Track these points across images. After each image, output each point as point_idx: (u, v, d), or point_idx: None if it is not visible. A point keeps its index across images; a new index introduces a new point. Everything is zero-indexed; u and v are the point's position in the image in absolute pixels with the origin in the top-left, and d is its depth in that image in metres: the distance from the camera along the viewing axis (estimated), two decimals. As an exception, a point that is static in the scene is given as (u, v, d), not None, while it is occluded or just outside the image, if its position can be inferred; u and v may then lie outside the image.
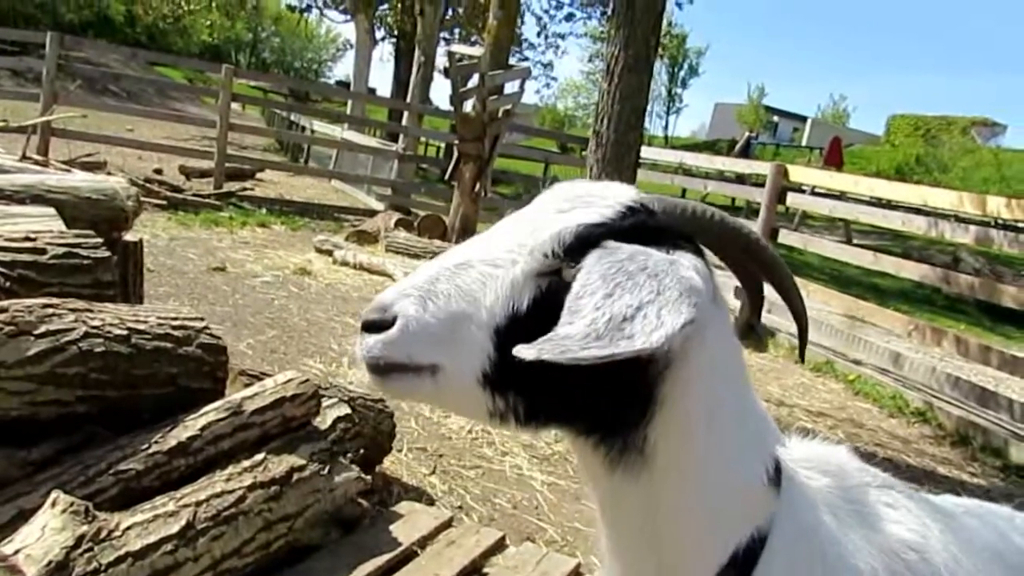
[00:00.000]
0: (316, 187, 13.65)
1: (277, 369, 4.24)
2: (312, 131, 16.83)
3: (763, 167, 7.59)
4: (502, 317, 0.90)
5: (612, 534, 1.03)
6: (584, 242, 0.90)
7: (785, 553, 0.98)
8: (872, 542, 1.03)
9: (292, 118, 19.63)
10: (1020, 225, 13.36)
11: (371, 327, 0.93)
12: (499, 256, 0.93)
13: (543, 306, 0.90)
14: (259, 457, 2.13)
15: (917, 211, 10.36)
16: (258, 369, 3.77)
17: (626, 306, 0.82)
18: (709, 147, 36.44)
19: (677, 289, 0.84)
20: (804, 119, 48.85)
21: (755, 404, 1.04)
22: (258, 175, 12.56)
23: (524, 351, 0.81)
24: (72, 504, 1.63)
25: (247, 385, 2.44)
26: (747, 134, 30.24)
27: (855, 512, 1.06)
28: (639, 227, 0.93)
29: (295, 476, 2.17)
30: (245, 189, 10.59)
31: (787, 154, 34.90)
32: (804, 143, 41.30)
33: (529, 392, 0.92)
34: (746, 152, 26.30)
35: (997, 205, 5.47)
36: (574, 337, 0.81)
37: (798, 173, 7.85)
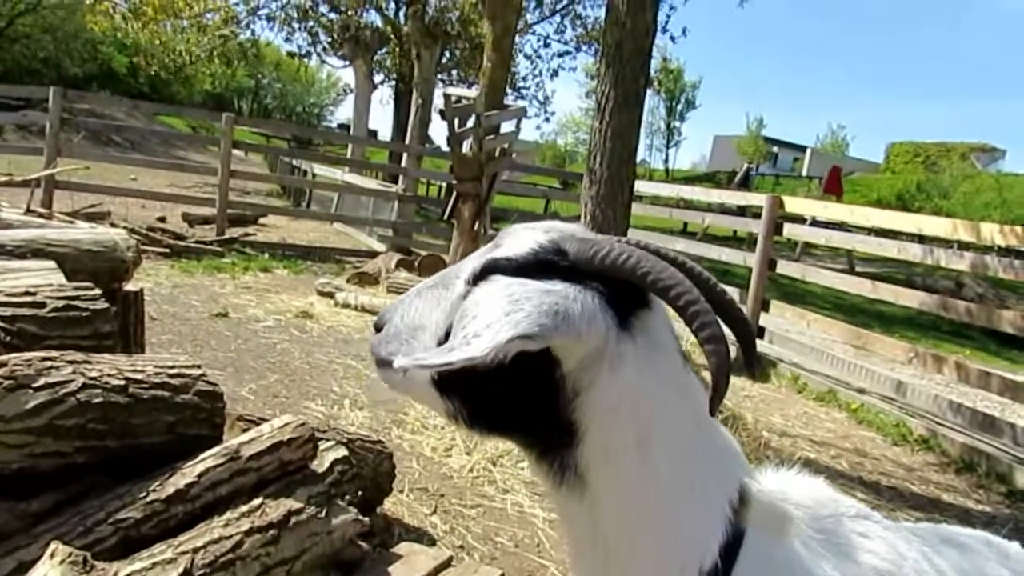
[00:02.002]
0: (318, 230, 13.78)
1: (279, 413, 4.26)
2: (314, 175, 17.01)
3: (759, 199, 7.65)
4: (443, 330, 1.04)
5: (569, 545, 1.12)
6: (486, 273, 1.02)
7: None
8: (844, 572, 1.05)
9: (294, 163, 19.85)
10: (1020, 250, 13.36)
11: (376, 328, 1.14)
12: (452, 280, 1.09)
13: None
14: (256, 502, 2.15)
15: (923, 239, 10.43)
16: (260, 414, 3.80)
17: (481, 324, 0.92)
18: (709, 179, 36.65)
19: (528, 310, 0.92)
20: (804, 149, 49.14)
21: (713, 438, 1.06)
22: (260, 220, 12.67)
23: (400, 361, 0.95)
24: (70, 555, 1.65)
25: (244, 430, 2.47)
26: (746, 165, 30.47)
27: (827, 542, 1.08)
28: (545, 264, 1.00)
29: (292, 520, 2.19)
30: (247, 235, 10.70)
31: (787, 184, 35.08)
32: (804, 173, 41.53)
33: (465, 399, 1.03)
34: (745, 183, 26.48)
35: (991, 232, 5.52)
36: (429, 355, 0.94)
37: (794, 204, 7.92)
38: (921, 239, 10.77)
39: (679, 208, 13.01)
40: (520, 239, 1.05)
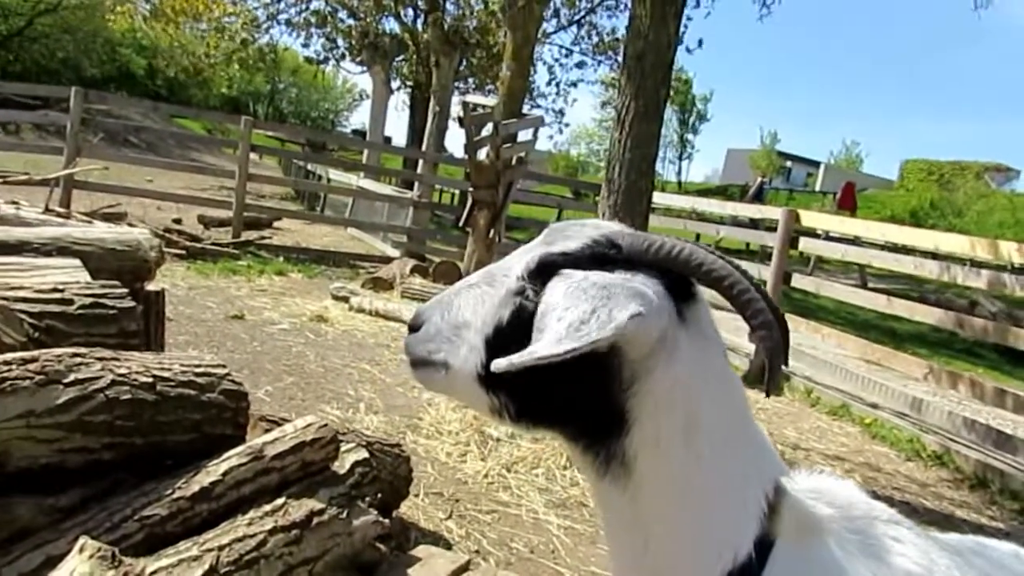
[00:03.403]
0: (332, 235, 13.83)
1: (295, 415, 4.29)
2: (328, 180, 17.10)
3: (775, 212, 7.65)
4: (490, 327, 1.05)
5: (609, 537, 1.13)
6: (543, 269, 1.04)
7: None
8: (876, 574, 1.05)
9: (309, 167, 19.95)
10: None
11: (411, 328, 1.14)
12: (496, 278, 1.09)
13: (516, 320, 1.04)
14: (279, 501, 2.17)
15: (936, 256, 10.38)
16: (277, 415, 3.82)
17: (581, 312, 0.94)
18: (721, 192, 36.59)
19: (625, 294, 0.95)
20: (817, 164, 49.04)
21: (753, 434, 1.09)
22: (275, 224, 12.74)
23: (498, 363, 0.95)
24: (99, 550, 1.67)
25: (267, 430, 2.49)
26: (759, 179, 30.39)
27: (860, 543, 1.08)
28: (601, 258, 1.03)
29: (315, 520, 2.20)
30: (263, 238, 10.75)
31: (801, 199, 34.99)
32: (818, 188, 41.43)
33: (515, 394, 1.05)
34: (759, 197, 26.43)
35: (1008, 250, 5.52)
36: (540, 348, 0.93)
37: (810, 218, 7.91)
38: (935, 256, 10.72)
39: (691, 220, 12.99)
40: (572, 235, 1.08)
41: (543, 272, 1.03)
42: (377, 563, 2.60)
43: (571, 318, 0.93)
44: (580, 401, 1.03)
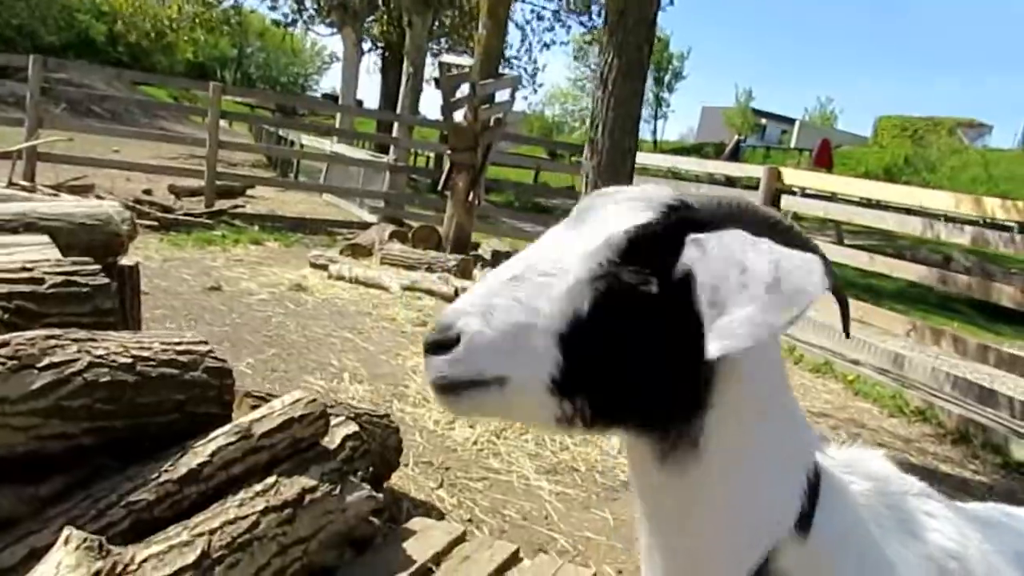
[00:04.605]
0: (307, 202, 13.62)
1: (279, 388, 4.22)
2: (301, 145, 16.79)
3: (756, 170, 7.61)
4: (564, 324, 0.91)
5: (652, 529, 1.05)
6: (637, 244, 0.93)
7: (825, 555, 0.99)
8: (912, 549, 1.03)
9: (280, 133, 19.58)
10: (1009, 224, 13.41)
11: (436, 348, 0.93)
12: (551, 266, 0.95)
13: (605, 309, 0.92)
14: (270, 480, 2.10)
15: (910, 212, 10.44)
16: (260, 389, 3.74)
17: (768, 274, 0.84)
18: (697, 151, 36.52)
19: (788, 255, 0.88)
20: (792, 121, 48.97)
21: (797, 406, 1.07)
22: (248, 192, 12.51)
23: (715, 349, 0.81)
24: (85, 540, 1.60)
25: (254, 407, 2.42)
26: (736, 137, 30.41)
27: (895, 519, 1.06)
28: (685, 222, 0.95)
29: (307, 498, 2.14)
30: (237, 207, 10.54)
31: (776, 156, 35.03)
32: (793, 145, 41.43)
33: (598, 392, 0.94)
34: (736, 155, 26.45)
35: (992, 206, 5.53)
36: (749, 317, 0.82)
37: (791, 175, 7.88)
38: (908, 211, 10.78)
39: (668, 179, 12.95)
40: (625, 207, 0.98)
41: (637, 249, 0.93)
42: (371, 537, 2.56)
43: (766, 279, 0.84)
44: (671, 384, 0.95)
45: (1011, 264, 14.50)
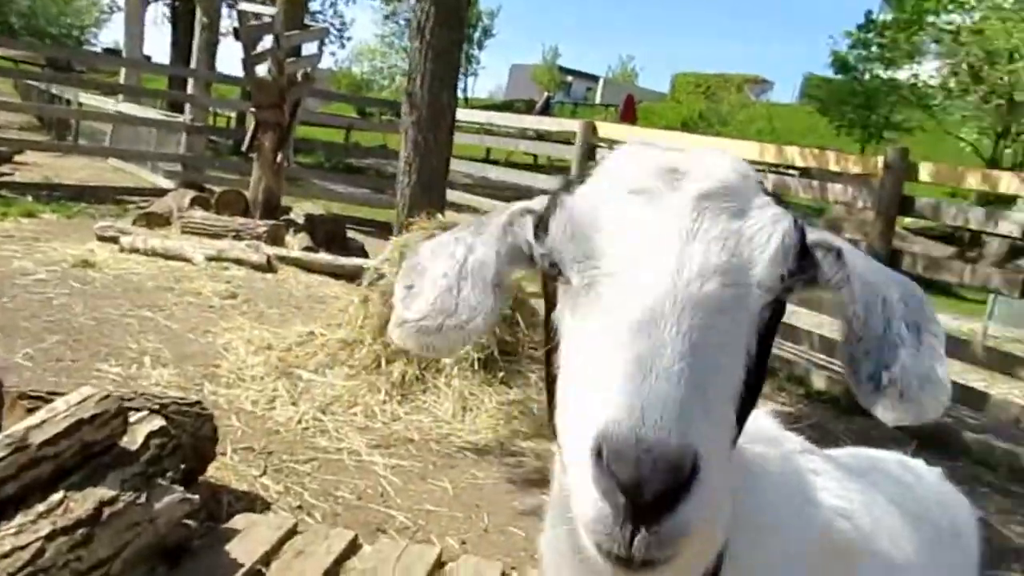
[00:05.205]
0: (90, 167, 12.29)
1: (66, 380, 3.70)
2: (80, 104, 15.06)
3: (572, 124, 7.68)
4: (739, 380, 0.74)
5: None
6: (803, 253, 0.79)
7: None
8: (810, 518, 1.01)
9: (53, 90, 17.47)
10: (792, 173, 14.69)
11: (663, 502, 0.61)
12: (712, 301, 0.70)
13: (764, 338, 0.77)
14: (56, 497, 1.77)
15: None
16: (43, 384, 3.25)
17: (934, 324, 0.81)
18: (507, 107, 36.90)
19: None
20: (596, 79, 50.67)
21: None
22: (17, 158, 11.12)
23: (892, 420, 0.76)
24: None
25: (31, 411, 2.03)
26: (546, 94, 31.00)
27: (787, 484, 1.02)
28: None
29: (105, 512, 1.83)
30: (3, 175, 9.31)
31: (584, 112, 36.14)
32: (598, 101, 42.99)
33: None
34: (546, 111, 27.01)
35: (792, 154, 5.97)
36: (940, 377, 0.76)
37: (606, 129, 8.05)
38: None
39: (483, 135, 12.97)
40: (744, 188, 0.80)
41: (803, 258, 0.79)
42: (187, 543, 2.26)
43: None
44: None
45: (808, 210, 15.91)
